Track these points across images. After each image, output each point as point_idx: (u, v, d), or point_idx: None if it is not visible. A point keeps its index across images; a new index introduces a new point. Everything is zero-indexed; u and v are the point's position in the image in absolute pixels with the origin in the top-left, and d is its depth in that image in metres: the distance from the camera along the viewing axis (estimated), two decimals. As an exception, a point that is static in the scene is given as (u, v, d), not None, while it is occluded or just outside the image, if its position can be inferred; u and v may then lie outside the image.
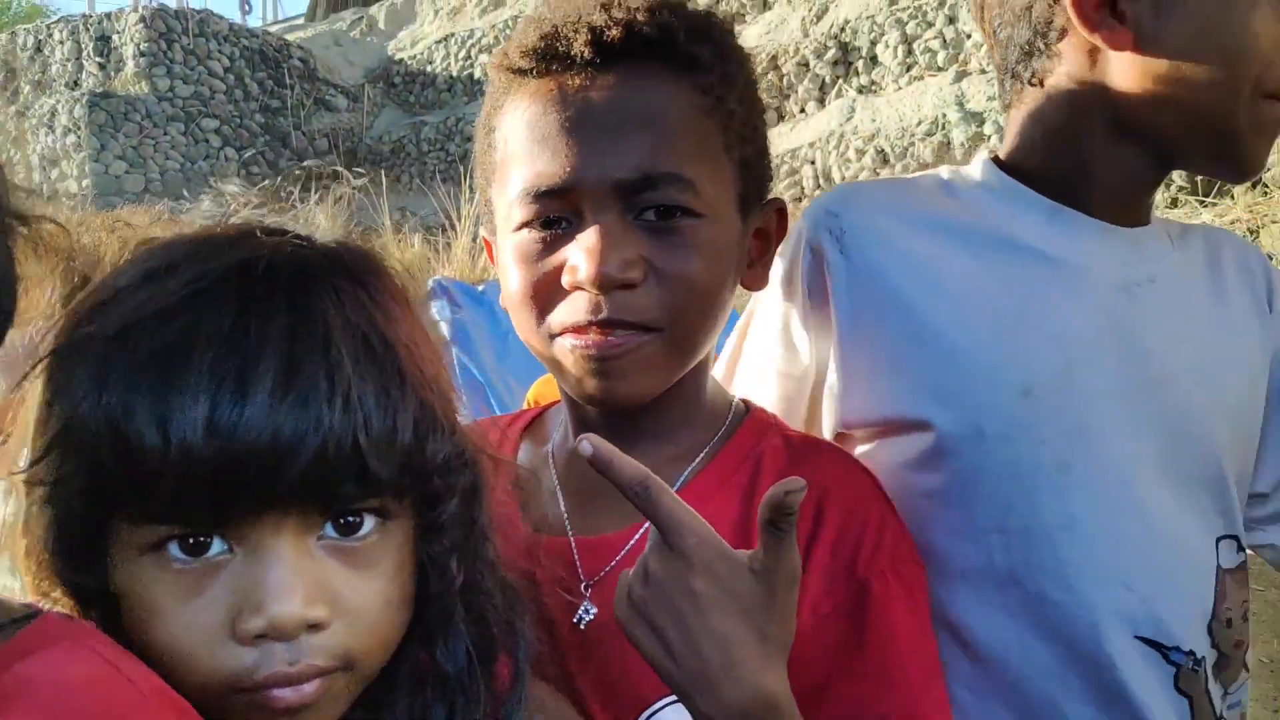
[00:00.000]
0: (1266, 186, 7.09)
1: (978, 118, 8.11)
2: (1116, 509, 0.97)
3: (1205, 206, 6.88)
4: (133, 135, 11.86)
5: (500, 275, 0.95)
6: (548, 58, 0.90)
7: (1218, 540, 1.01)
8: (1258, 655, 4.03)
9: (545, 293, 0.90)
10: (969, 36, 8.78)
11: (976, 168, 1.09)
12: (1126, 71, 0.99)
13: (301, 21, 17.12)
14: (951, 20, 8.93)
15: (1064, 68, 1.03)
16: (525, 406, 1.49)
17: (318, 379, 0.64)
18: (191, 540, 0.64)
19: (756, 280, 0.99)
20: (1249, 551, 1.07)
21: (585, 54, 0.88)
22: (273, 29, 16.43)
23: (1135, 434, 0.98)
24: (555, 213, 0.89)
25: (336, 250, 0.72)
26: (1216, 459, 1.01)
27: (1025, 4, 1.04)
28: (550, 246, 0.89)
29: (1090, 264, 1.02)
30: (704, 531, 0.75)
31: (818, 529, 0.89)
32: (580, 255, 0.87)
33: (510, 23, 12.81)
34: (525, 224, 0.91)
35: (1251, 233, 6.60)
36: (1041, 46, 1.03)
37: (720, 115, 0.92)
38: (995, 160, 1.09)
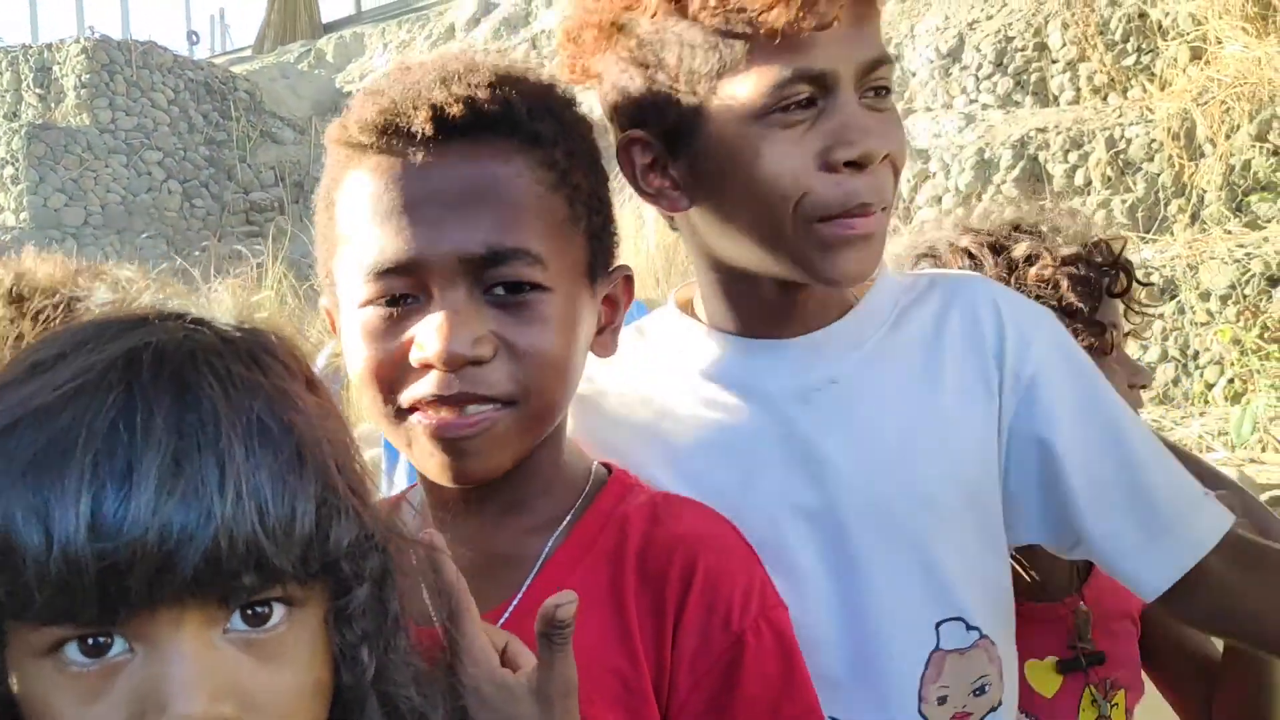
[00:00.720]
0: (1204, 223, 7.22)
1: (923, 154, 8.19)
2: (811, 617, 1.01)
3: (1146, 242, 6.99)
4: (73, 168, 11.65)
5: (345, 352, 0.94)
6: (388, 133, 0.89)
7: (938, 624, 1.04)
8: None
9: (393, 370, 0.89)
10: (914, 75, 8.90)
11: (665, 310, 1.17)
12: (701, 222, 1.05)
13: (249, 53, 17.00)
14: (897, 59, 9.04)
15: (675, 218, 1.09)
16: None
17: (206, 470, 0.61)
18: (91, 641, 0.61)
19: (605, 347, 1.00)
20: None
21: (427, 130, 0.88)
22: (219, 61, 16.30)
23: (820, 540, 1.03)
24: (401, 290, 0.88)
25: (232, 333, 0.69)
26: (923, 546, 1.03)
27: (622, 172, 1.09)
28: (398, 323, 0.89)
29: (761, 381, 1.06)
30: (483, 661, 0.78)
31: (689, 588, 0.90)
32: (429, 333, 0.86)
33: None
34: (370, 301, 0.89)
35: (1191, 268, 6.72)
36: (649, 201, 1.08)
37: (566, 189, 0.93)
38: (690, 300, 1.16)
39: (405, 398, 0.89)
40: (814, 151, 0.97)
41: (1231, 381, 6.40)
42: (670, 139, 1.03)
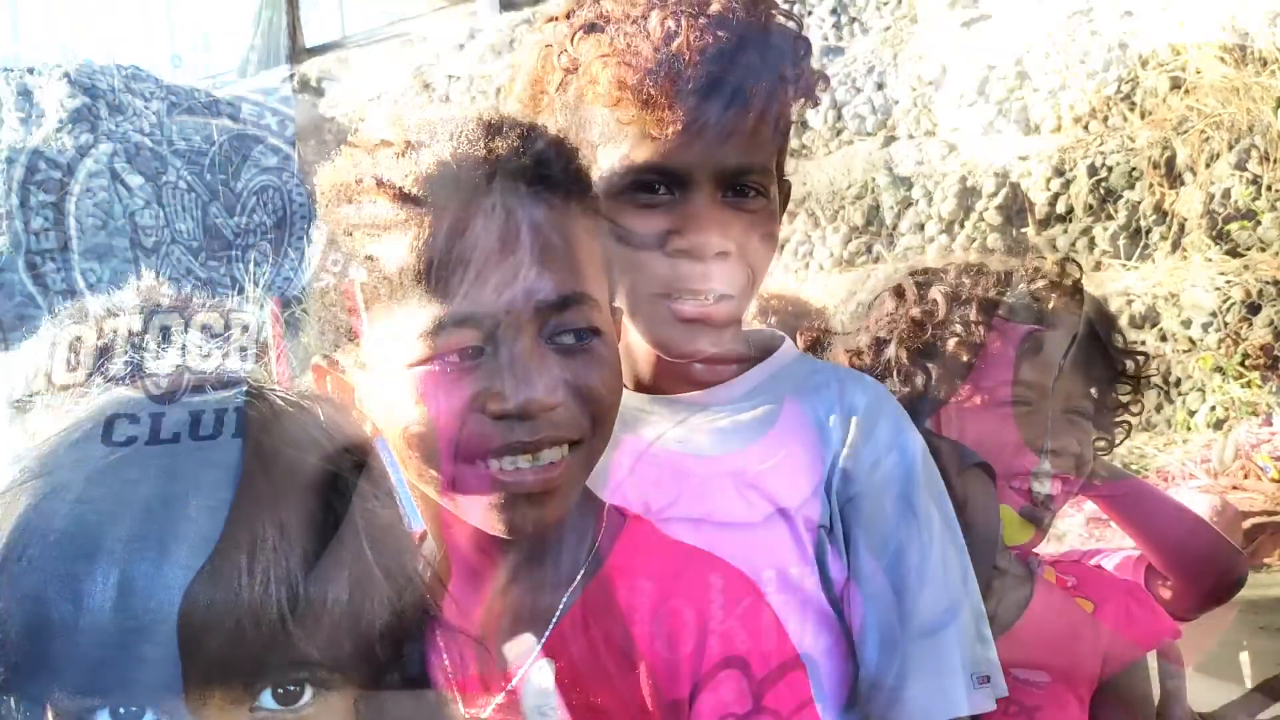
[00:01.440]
0: (1185, 251, 7.26)
1: (906, 182, 8.23)
2: None
3: (1127, 270, 7.02)
4: (53, 191, 11.60)
5: (390, 410, 0.90)
6: (446, 186, 0.88)
7: None
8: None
9: (459, 424, 0.88)
10: (897, 102, 8.94)
11: None
12: None
13: (233, 77, 16.98)
14: (880, 87, 9.09)
15: None
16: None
17: (237, 551, 0.61)
18: (123, 710, 0.61)
19: None
20: None
21: (494, 182, 0.88)
22: (202, 84, 16.27)
23: None
24: (468, 342, 0.87)
25: (286, 408, 0.69)
26: None
27: None
28: (461, 376, 0.88)
29: (631, 428, 1.16)
30: None
31: (704, 650, 0.91)
32: (507, 383, 0.86)
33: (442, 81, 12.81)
34: (431, 357, 0.88)
35: (1172, 295, 6.74)
36: None
37: (601, 233, 0.97)
38: None
39: (477, 448, 0.88)
40: (654, 234, 1.09)
41: (1213, 409, 6.42)
42: None
